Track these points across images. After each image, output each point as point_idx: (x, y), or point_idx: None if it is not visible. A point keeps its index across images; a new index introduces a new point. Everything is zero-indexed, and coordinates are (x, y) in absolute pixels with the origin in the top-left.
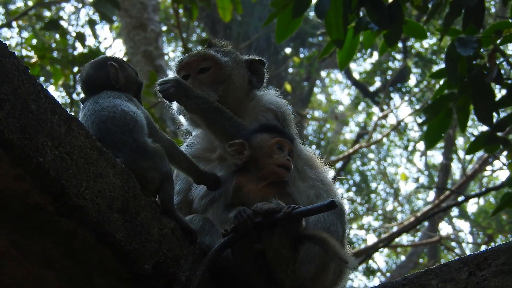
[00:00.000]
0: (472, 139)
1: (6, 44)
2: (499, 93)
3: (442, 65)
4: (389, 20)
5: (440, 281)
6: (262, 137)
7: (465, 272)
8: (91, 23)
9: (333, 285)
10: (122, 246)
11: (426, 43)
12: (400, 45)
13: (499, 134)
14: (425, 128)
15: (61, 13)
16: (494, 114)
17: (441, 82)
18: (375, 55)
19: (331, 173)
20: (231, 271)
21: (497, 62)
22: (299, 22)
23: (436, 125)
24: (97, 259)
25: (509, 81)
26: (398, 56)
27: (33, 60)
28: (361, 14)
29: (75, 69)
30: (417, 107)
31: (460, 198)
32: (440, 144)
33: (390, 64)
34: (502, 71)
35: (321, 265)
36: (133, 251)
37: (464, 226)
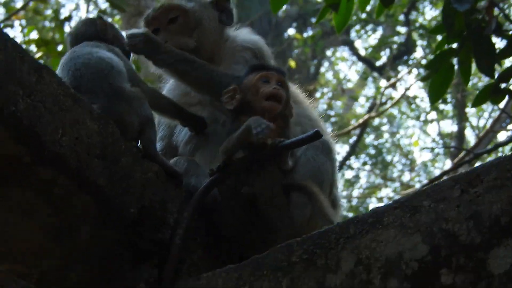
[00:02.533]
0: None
1: None
2: (501, 42)
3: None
4: None
5: (432, 201)
6: (249, 77)
7: (457, 190)
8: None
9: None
10: (104, 192)
11: (429, 15)
12: (402, 18)
13: (503, 85)
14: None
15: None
16: (497, 66)
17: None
18: (379, 31)
19: (317, 109)
20: (219, 213)
21: (495, 15)
22: None
23: (439, 80)
24: (80, 207)
25: (509, 32)
26: (402, 30)
27: (38, 55)
28: None
29: None
30: None
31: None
32: (452, 114)
33: (395, 38)
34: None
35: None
36: (116, 196)
37: None
